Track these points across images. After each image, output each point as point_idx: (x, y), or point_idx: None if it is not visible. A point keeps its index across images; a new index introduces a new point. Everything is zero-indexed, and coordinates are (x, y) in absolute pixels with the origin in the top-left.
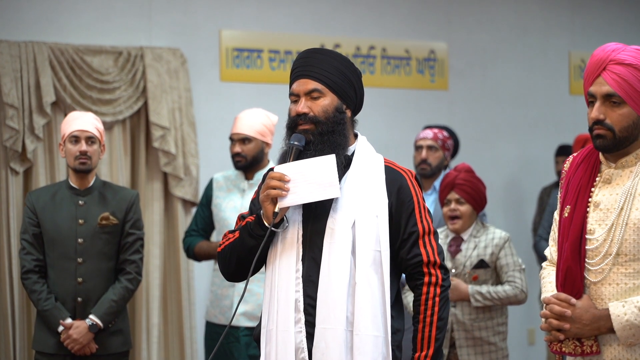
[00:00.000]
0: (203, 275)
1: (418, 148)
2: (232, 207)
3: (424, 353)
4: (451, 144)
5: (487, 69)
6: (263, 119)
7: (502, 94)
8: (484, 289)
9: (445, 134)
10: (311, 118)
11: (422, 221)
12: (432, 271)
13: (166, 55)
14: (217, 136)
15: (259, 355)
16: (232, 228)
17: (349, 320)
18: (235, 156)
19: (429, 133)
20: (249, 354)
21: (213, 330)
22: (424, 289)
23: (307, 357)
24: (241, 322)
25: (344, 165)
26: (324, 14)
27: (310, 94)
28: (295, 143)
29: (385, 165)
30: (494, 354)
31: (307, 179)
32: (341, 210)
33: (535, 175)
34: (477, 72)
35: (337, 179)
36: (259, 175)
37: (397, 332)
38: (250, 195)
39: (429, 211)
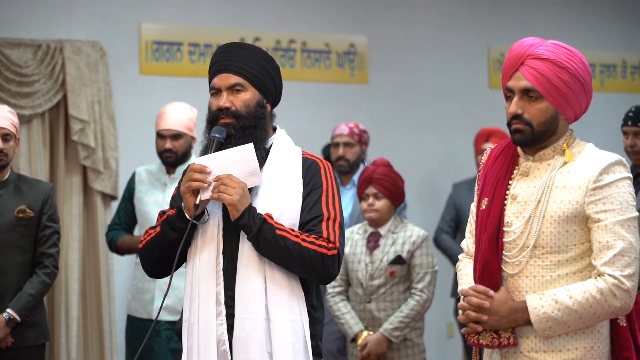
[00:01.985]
0: (122, 269)
1: (335, 145)
2: (153, 201)
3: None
4: (367, 137)
5: (407, 63)
6: (189, 113)
7: (422, 88)
8: (395, 322)
9: (361, 127)
10: (233, 112)
11: (327, 207)
12: (331, 245)
13: (85, 49)
14: (136, 129)
15: (179, 349)
16: (154, 222)
17: (268, 308)
18: (165, 152)
19: (344, 129)
20: (170, 348)
21: (134, 324)
22: (320, 238)
23: (228, 349)
24: (162, 316)
25: (263, 158)
26: (244, 8)
27: (232, 89)
28: (217, 135)
29: (302, 157)
30: (411, 349)
31: (229, 169)
32: (258, 204)
33: (454, 169)
34: (398, 66)
35: (258, 167)
36: (181, 170)
37: (318, 322)
38: (172, 189)
39: (339, 203)
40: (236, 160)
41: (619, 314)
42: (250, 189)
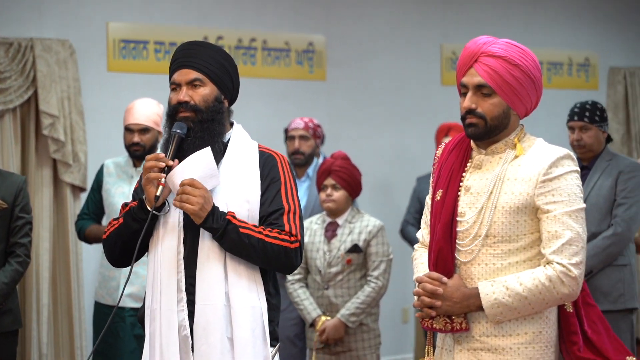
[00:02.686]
0: (91, 257)
1: (290, 138)
2: (120, 192)
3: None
4: (322, 131)
5: (364, 61)
6: (156, 108)
7: (378, 85)
8: (351, 308)
9: (316, 122)
10: (192, 106)
11: (287, 200)
12: (293, 238)
13: (55, 46)
14: (104, 124)
15: (144, 335)
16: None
17: (228, 295)
18: (133, 145)
19: (300, 123)
20: (134, 334)
21: (101, 310)
22: (282, 232)
23: (189, 334)
24: (127, 303)
25: (221, 151)
26: (207, 8)
27: (192, 84)
28: (178, 131)
29: (259, 151)
30: (367, 334)
31: (191, 174)
32: (216, 196)
33: (408, 163)
34: (354, 64)
35: (216, 169)
36: None
37: (275, 309)
38: None
39: (297, 195)
40: (195, 165)
41: (566, 301)
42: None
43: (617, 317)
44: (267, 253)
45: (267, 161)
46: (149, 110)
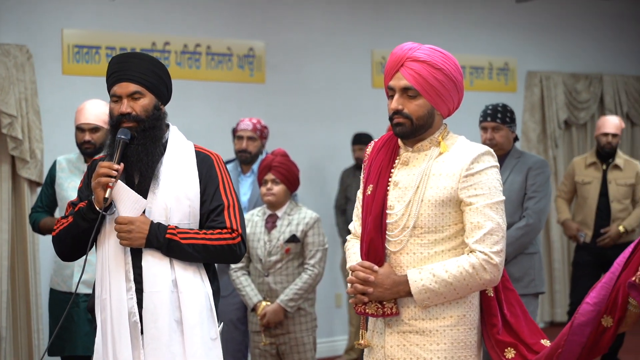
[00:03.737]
0: (47, 247)
1: (239, 137)
2: (73, 187)
3: (176, 231)
4: (267, 132)
5: (300, 65)
6: (105, 108)
7: (313, 87)
8: (289, 294)
9: (263, 123)
10: (134, 117)
11: (226, 195)
12: (234, 234)
13: (13, 51)
14: (60, 123)
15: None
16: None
17: (176, 282)
18: (84, 143)
19: (248, 124)
20: (87, 318)
21: (56, 297)
22: (223, 231)
23: (138, 320)
24: (81, 289)
25: (161, 153)
26: (155, 15)
27: (132, 96)
28: (122, 137)
29: (195, 150)
30: (304, 317)
31: (120, 207)
32: (157, 195)
33: (339, 160)
34: (291, 68)
35: (137, 195)
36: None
37: (215, 293)
38: None
39: (234, 190)
40: (121, 198)
41: (488, 286)
42: (150, 183)
43: (528, 300)
44: (211, 254)
45: (203, 161)
46: (99, 111)
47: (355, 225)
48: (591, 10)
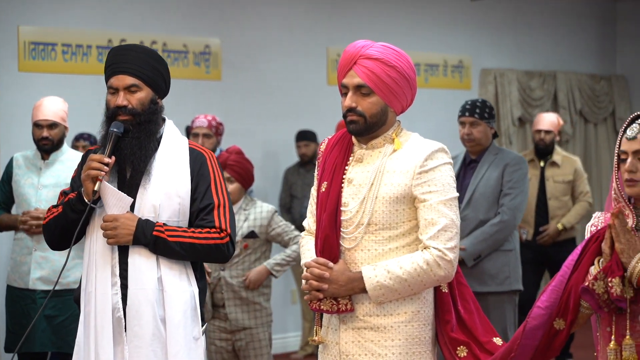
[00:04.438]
0: (4, 243)
1: (194, 135)
2: (29, 183)
3: (164, 229)
4: (223, 129)
5: (256, 62)
6: (62, 105)
7: (269, 84)
8: (277, 259)
9: (218, 120)
10: (130, 110)
11: (217, 195)
12: (223, 234)
13: None
14: (17, 120)
15: (53, 315)
16: (30, 202)
17: (162, 280)
18: (42, 140)
19: (204, 122)
20: (44, 314)
21: (13, 293)
22: (212, 230)
23: (122, 316)
24: (37, 285)
25: (155, 149)
26: (111, 12)
27: (128, 89)
28: (115, 130)
29: (189, 147)
30: (259, 312)
31: (107, 206)
32: (148, 191)
33: (295, 156)
34: (247, 65)
35: (119, 192)
36: (54, 156)
37: (201, 291)
38: (47, 173)
39: (226, 189)
40: (106, 196)
41: (442, 282)
42: (141, 178)
43: (503, 298)
44: (199, 253)
45: (196, 158)
46: (56, 107)
47: (310, 222)
48: (545, 9)
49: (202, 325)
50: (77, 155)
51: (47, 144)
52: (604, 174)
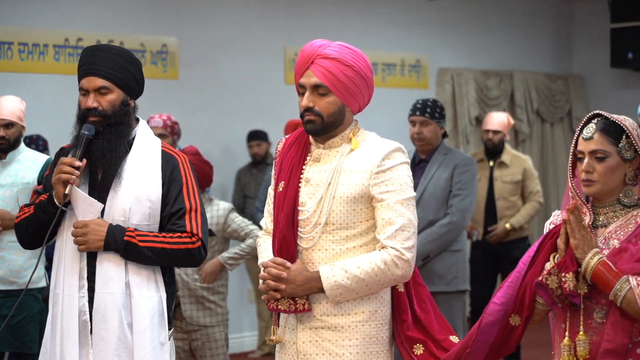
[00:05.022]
0: None
1: None
2: None
3: (135, 234)
4: (179, 128)
5: (213, 61)
6: (20, 105)
7: (226, 83)
8: (231, 252)
9: (173, 119)
10: (100, 112)
11: (189, 199)
12: (194, 239)
13: None
14: None
15: (9, 315)
16: None
17: (129, 285)
18: None
19: (159, 121)
20: (1, 314)
21: None
22: (183, 235)
23: (88, 319)
24: None
25: (127, 151)
26: (68, 11)
27: (99, 91)
28: (85, 133)
29: (162, 150)
30: (215, 311)
31: (77, 212)
32: (119, 194)
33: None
34: (205, 64)
35: (89, 197)
36: (11, 155)
37: (169, 296)
38: (4, 173)
39: (198, 193)
40: (77, 204)
41: (400, 282)
42: (112, 181)
43: (451, 298)
44: (170, 258)
45: (169, 161)
46: (13, 107)
47: (267, 222)
48: (502, 8)
49: (170, 330)
50: (35, 155)
51: (3, 143)
52: (561, 173)
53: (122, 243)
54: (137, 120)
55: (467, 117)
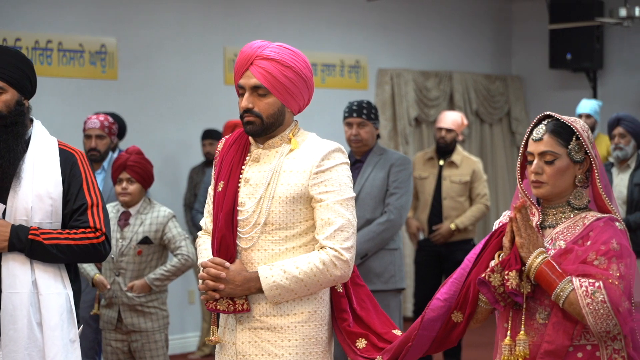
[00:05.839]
0: None
1: (87, 137)
2: None
3: (39, 232)
4: (116, 128)
5: (153, 61)
6: None
7: (166, 84)
8: (157, 273)
9: (111, 120)
10: None
11: (90, 194)
12: (98, 233)
13: None
14: None
15: None
16: None
17: (36, 284)
18: None
19: (96, 122)
20: None
21: None
22: (87, 230)
23: None
24: None
25: (24, 150)
26: (5, 11)
27: None
28: None
29: (59, 148)
30: (155, 316)
31: None
32: (19, 194)
33: (193, 156)
34: (144, 64)
35: (0, 213)
36: None
37: (76, 293)
38: None
39: (98, 188)
40: None
41: (339, 282)
42: (11, 181)
43: (388, 296)
44: (76, 254)
45: (67, 159)
46: None
47: (207, 222)
48: (441, 9)
49: (79, 328)
50: None
51: None
52: (500, 174)
53: (26, 242)
54: (31, 120)
55: (406, 118)
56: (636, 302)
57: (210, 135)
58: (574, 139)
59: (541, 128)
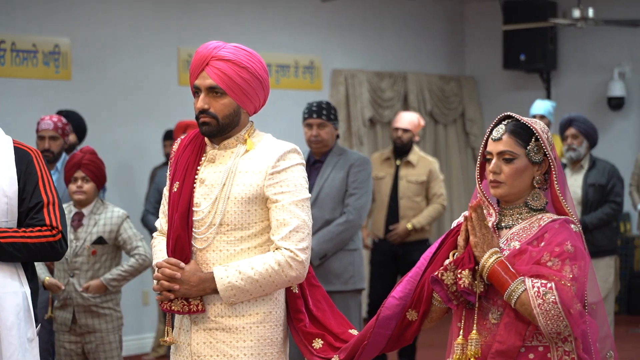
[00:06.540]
0: None
1: (40, 138)
2: None
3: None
4: (70, 129)
5: (106, 62)
6: None
7: (120, 84)
8: (114, 273)
9: (64, 121)
10: None
11: (46, 192)
12: (55, 231)
13: None
14: None
15: None
16: None
17: None
18: None
19: (49, 124)
20: None
21: None
22: (43, 228)
23: None
24: None
25: None
26: None
27: None
28: None
29: (14, 146)
30: (109, 317)
31: None
32: None
33: (147, 157)
34: (98, 64)
35: None
36: None
37: (34, 291)
38: None
39: (54, 186)
40: None
41: (294, 283)
42: None
43: (347, 296)
44: (32, 252)
45: (22, 157)
46: None
47: (162, 222)
48: (395, 10)
49: (36, 327)
50: None
51: None
52: (454, 174)
53: None
54: None
55: (360, 119)
56: (590, 304)
57: (171, 136)
58: (533, 140)
59: (501, 128)
